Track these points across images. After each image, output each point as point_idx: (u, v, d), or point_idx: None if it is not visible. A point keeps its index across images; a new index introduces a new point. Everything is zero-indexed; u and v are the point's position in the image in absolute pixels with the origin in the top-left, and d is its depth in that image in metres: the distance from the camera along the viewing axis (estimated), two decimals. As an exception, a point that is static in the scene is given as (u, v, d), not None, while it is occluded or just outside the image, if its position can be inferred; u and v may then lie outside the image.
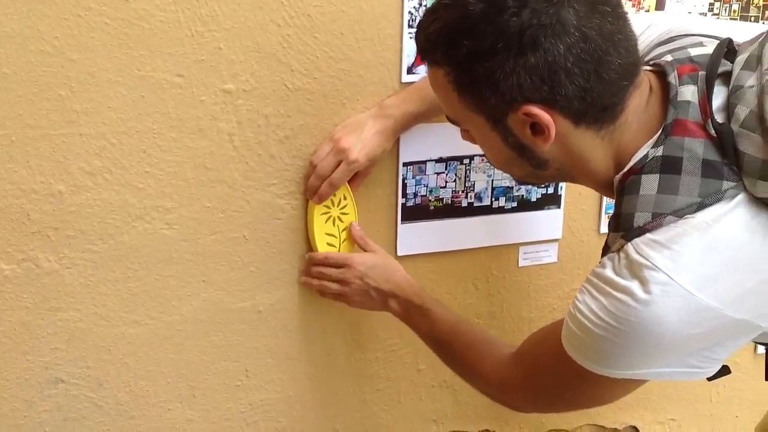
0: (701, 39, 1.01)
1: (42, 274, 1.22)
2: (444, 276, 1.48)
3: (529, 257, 1.53)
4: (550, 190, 1.49)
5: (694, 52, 0.97)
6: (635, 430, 1.77)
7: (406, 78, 1.33)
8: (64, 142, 1.17)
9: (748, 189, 0.89)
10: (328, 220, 1.33)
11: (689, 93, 0.92)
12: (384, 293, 1.30)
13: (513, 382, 1.13)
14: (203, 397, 1.38)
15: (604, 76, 0.90)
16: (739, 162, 0.89)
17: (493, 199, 1.45)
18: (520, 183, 1.04)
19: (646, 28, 1.10)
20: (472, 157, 1.41)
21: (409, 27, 1.30)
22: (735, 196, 0.89)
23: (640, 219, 0.92)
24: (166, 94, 1.20)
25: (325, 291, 1.34)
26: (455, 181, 1.42)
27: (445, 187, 1.42)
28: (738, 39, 1.00)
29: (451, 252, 1.47)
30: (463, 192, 1.43)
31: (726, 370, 1.03)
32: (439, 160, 1.40)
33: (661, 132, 0.93)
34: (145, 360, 1.32)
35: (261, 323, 1.38)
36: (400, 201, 1.40)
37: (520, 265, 1.53)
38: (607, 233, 0.99)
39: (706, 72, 0.93)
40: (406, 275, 1.31)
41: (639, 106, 0.95)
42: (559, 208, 1.51)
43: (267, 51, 1.24)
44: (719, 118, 0.91)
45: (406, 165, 1.38)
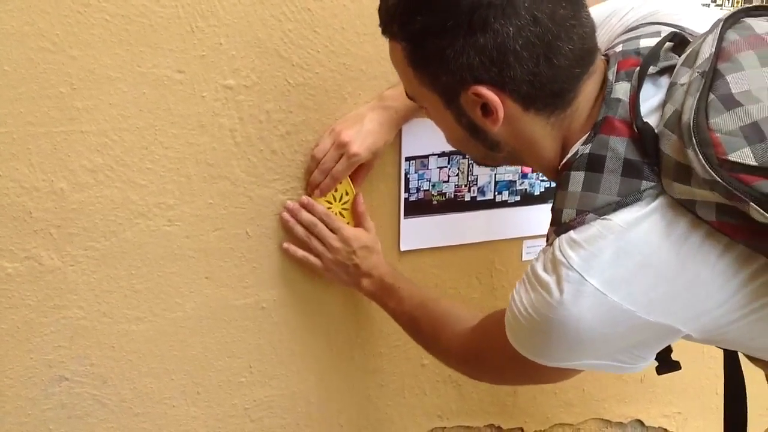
0: (661, 28, 0.98)
1: (45, 272, 1.22)
2: (447, 271, 1.48)
3: (532, 251, 1.53)
4: (554, 184, 1.48)
5: (644, 42, 0.95)
6: (641, 423, 1.76)
7: (408, 72, 1.32)
8: (65, 140, 1.17)
9: (666, 190, 0.87)
10: (328, 212, 1.33)
11: (622, 91, 0.91)
12: (361, 272, 1.31)
13: (468, 355, 1.16)
14: (207, 393, 1.38)
15: (554, 61, 0.88)
16: (660, 162, 0.87)
17: (497, 193, 1.45)
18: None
19: (608, 15, 1.08)
20: (474, 151, 1.41)
21: (410, 21, 1.30)
22: (654, 197, 0.88)
23: (567, 215, 0.92)
24: (167, 90, 1.20)
25: (306, 245, 1.32)
26: (458, 175, 1.42)
27: (447, 181, 1.41)
28: (699, 28, 0.97)
29: (454, 246, 1.46)
30: (465, 186, 1.43)
31: (676, 366, 1.03)
32: (441, 155, 1.39)
33: (592, 130, 0.92)
34: (149, 357, 1.32)
35: (264, 319, 1.38)
36: (403, 196, 1.40)
37: (523, 259, 1.53)
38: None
39: (641, 65, 0.91)
40: (382, 258, 1.33)
41: (591, 95, 0.94)
42: (562, 201, 1.50)
43: (268, 46, 1.24)
44: (655, 116, 0.89)
45: (408, 159, 1.38)
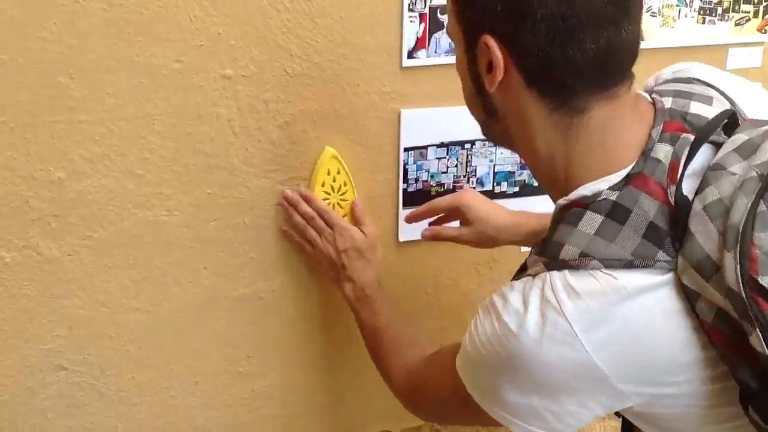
0: (713, 95, 0.93)
1: (43, 262, 1.22)
2: (446, 262, 1.48)
3: (531, 242, 1.53)
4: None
5: (694, 108, 0.90)
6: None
7: (407, 62, 1.32)
8: (63, 129, 1.17)
9: (678, 270, 0.83)
10: (328, 207, 1.33)
11: (662, 153, 0.86)
12: (345, 275, 1.31)
13: (412, 383, 1.15)
14: (205, 383, 1.38)
15: (568, 50, 0.83)
16: (683, 240, 0.83)
17: (495, 183, 1.45)
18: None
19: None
20: (473, 142, 1.40)
21: (410, 11, 1.29)
22: (663, 272, 0.84)
23: (567, 253, 0.87)
24: (165, 80, 1.20)
25: (302, 236, 1.33)
26: (457, 165, 1.41)
27: (446, 172, 1.41)
28: (750, 111, 0.94)
29: (453, 237, 1.46)
30: (464, 177, 1.43)
31: None
32: (440, 145, 1.39)
33: (624, 178, 0.87)
34: (147, 347, 1.32)
35: (262, 310, 1.38)
36: (402, 186, 1.39)
37: (522, 249, 1.53)
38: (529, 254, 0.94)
39: (693, 139, 0.87)
40: (373, 266, 1.32)
41: (610, 125, 0.88)
42: (561, 192, 1.50)
43: (266, 36, 1.23)
44: (689, 183, 0.85)
45: (407, 150, 1.37)
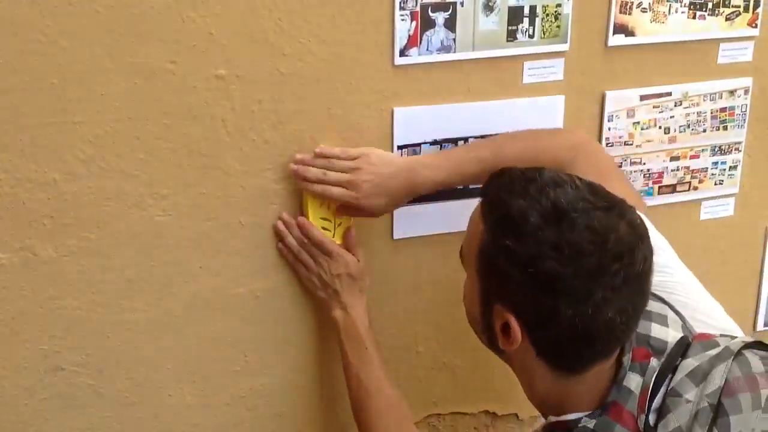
0: (667, 313, 1.06)
1: (39, 263, 1.23)
2: (441, 258, 1.48)
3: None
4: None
5: (655, 332, 1.02)
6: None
7: (399, 60, 1.33)
8: (57, 131, 1.18)
9: None
10: (322, 204, 1.33)
11: (634, 383, 0.99)
12: (339, 301, 1.34)
13: None
14: (203, 382, 1.39)
15: (583, 352, 0.97)
16: None
17: (489, 180, 1.45)
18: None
19: None
20: (466, 139, 1.41)
21: (401, 9, 1.30)
22: None
23: None
24: (159, 80, 1.21)
25: (296, 257, 1.34)
26: (450, 163, 1.42)
27: (440, 169, 1.42)
28: (699, 324, 1.07)
29: (447, 234, 1.46)
30: (458, 174, 1.43)
31: None
32: (433, 143, 1.39)
33: (600, 408, 1.00)
34: (144, 347, 1.33)
35: (259, 309, 1.38)
36: (396, 184, 1.40)
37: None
38: None
39: (655, 376, 0.98)
40: (365, 298, 1.36)
41: (599, 371, 1.01)
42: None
43: (259, 36, 1.24)
44: (653, 414, 0.97)
45: (400, 148, 1.38)
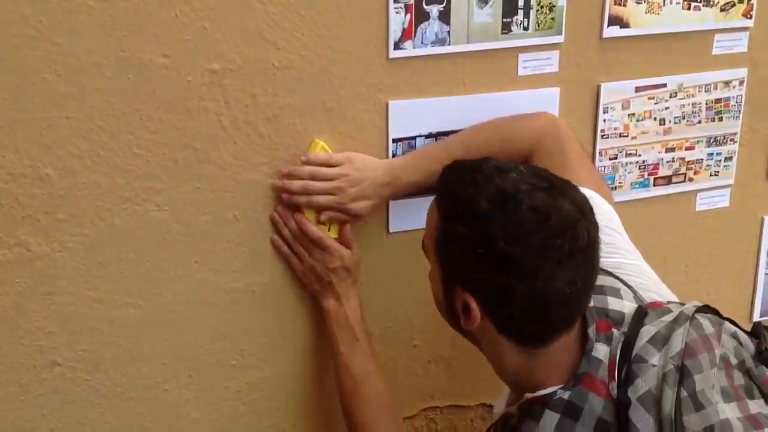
0: (619, 286, 1.12)
1: (34, 259, 1.22)
2: (437, 251, 1.48)
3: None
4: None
5: (612, 304, 1.08)
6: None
7: (393, 53, 1.32)
8: (51, 126, 1.17)
9: None
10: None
11: (602, 352, 1.04)
12: (333, 291, 1.35)
13: None
14: (199, 377, 1.39)
15: (541, 322, 1.03)
16: (627, 429, 1.00)
17: (484, 173, 1.45)
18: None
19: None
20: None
21: (395, 2, 1.29)
22: None
23: None
24: (152, 75, 1.20)
25: (291, 249, 1.35)
26: (445, 156, 1.42)
27: (435, 162, 1.42)
28: (650, 294, 1.14)
29: (443, 227, 1.47)
30: (453, 167, 1.43)
31: None
32: (428, 136, 1.39)
33: (572, 379, 1.04)
34: (140, 342, 1.33)
35: (255, 303, 1.38)
36: (391, 177, 1.40)
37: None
38: (496, 424, 1.14)
39: (621, 346, 1.04)
40: (357, 295, 1.38)
41: (564, 345, 1.06)
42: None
43: (252, 29, 1.24)
44: (623, 377, 1.02)
45: (395, 141, 1.38)
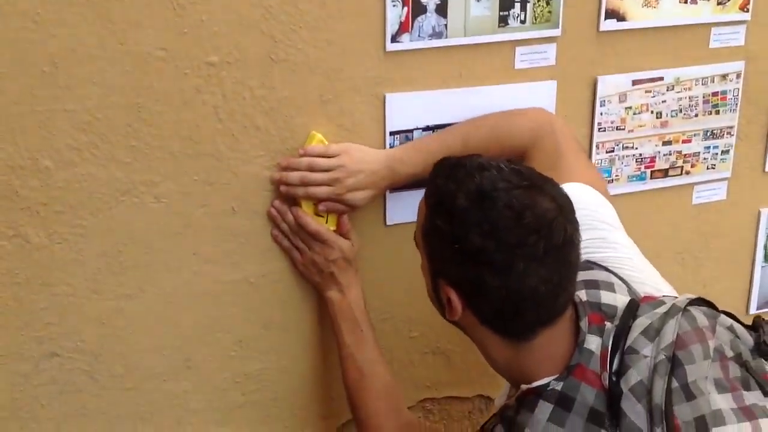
0: (613, 280, 1.13)
1: (33, 250, 1.23)
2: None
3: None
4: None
5: (605, 298, 1.10)
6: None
7: (390, 47, 1.33)
8: (49, 118, 1.18)
9: None
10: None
11: (594, 344, 1.05)
12: (335, 281, 1.36)
13: None
14: (198, 368, 1.40)
15: (518, 319, 1.04)
16: (619, 419, 1.01)
17: (481, 166, 1.46)
18: None
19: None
20: (458, 125, 1.41)
21: (392, -5, 1.30)
22: None
23: None
24: (150, 67, 1.21)
25: (291, 242, 1.36)
26: (443, 149, 1.42)
27: (432, 155, 1.42)
28: (644, 287, 1.15)
29: (440, 220, 1.47)
30: (450, 160, 1.44)
31: None
32: (426, 128, 1.40)
33: (565, 370, 1.05)
34: (139, 333, 1.34)
35: (253, 294, 1.39)
36: (388, 170, 1.40)
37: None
38: (496, 415, 1.14)
39: (613, 338, 1.05)
40: (359, 282, 1.39)
41: (551, 339, 1.07)
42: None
43: (249, 22, 1.24)
44: (615, 368, 1.03)
45: (393, 134, 1.38)
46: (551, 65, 1.45)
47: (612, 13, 1.45)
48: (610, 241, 1.20)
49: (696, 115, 1.58)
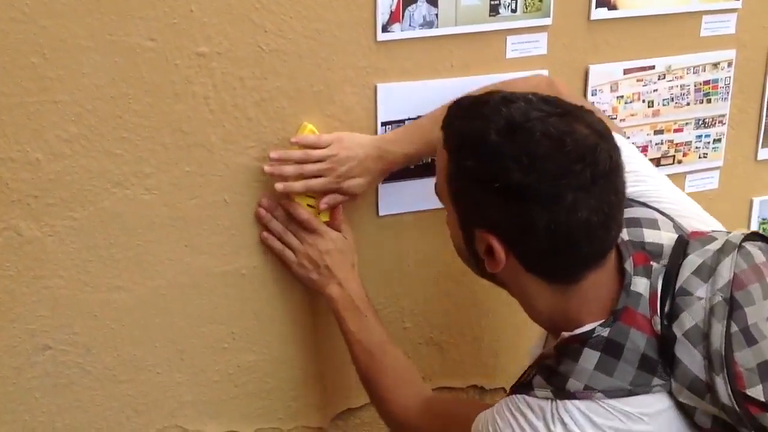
0: (656, 217, 1.06)
1: (24, 243, 1.23)
2: (426, 234, 1.48)
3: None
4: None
5: (648, 236, 1.03)
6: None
7: (381, 36, 1.33)
8: (38, 110, 1.18)
9: (673, 392, 0.95)
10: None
11: (642, 286, 0.99)
12: (332, 276, 1.34)
13: (412, 428, 1.22)
14: (191, 360, 1.40)
15: (568, 256, 0.97)
16: (673, 366, 0.96)
17: (473, 156, 1.46)
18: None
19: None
20: (450, 115, 1.41)
21: (382, -16, 1.30)
22: (663, 394, 0.96)
23: (573, 386, 0.98)
24: (140, 58, 1.20)
25: (282, 241, 1.34)
26: (434, 139, 1.42)
27: (424, 145, 1.42)
28: (690, 221, 1.08)
29: (433, 210, 1.47)
30: (442, 150, 1.43)
31: None
32: (417, 119, 1.40)
33: (611, 315, 0.99)
34: (132, 325, 1.34)
35: (245, 286, 1.39)
36: (380, 160, 1.40)
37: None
38: (533, 366, 1.06)
39: (663, 279, 0.98)
40: (357, 273, 1.36)
41: (598, 281, 1.00)
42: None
43: (239, 12, 1.24)
44: (666, 311, 0.97)
45: (384, 124, 1.38)
46: (542, 54, 1.45)
47: (603, 2, 1.45)
48: (643, 174, 1.14)
49: (688, 103, 1.58)
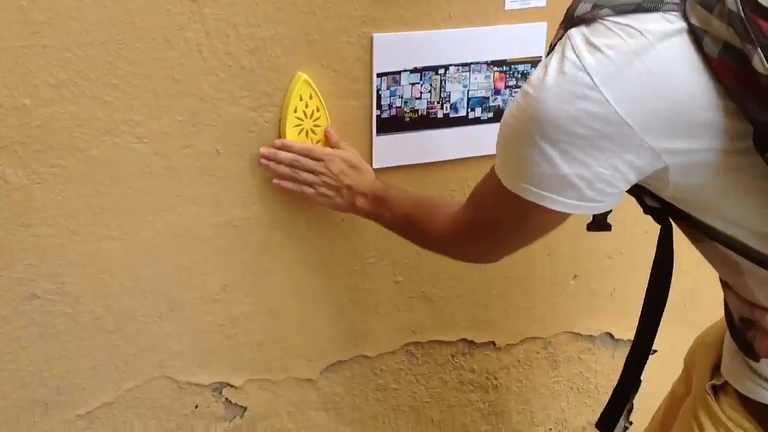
0: None
1: (11, 190, 1.21)
2: (420, 188, 1.47)
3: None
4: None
5: None
6: (610, 336, 1.80)
7: (379, -15, 1.30)
8: (26, 54, 1.14)
9: (687, 12, 0.84)
10: (301, 132, 1.32)
11: None
12: (354, 192, 1.31)
13: (462, 227, 1.12)
14: (181, 311, 1.39)
15: None
16: None
17: (469, 109, 1.44)
18: None
19: None
20: (447, 67, 1.39)
21: (381, -69, 1.26)
22: (673, 15, 0.85)
23: (581, 9, 0.88)
24: (130, 2, 1.17)
25: (296, 180, 1.32)
26: (430, 92, 1.40)
27: (420, 98, 1.40)
28: None
29: (427, 164, 1.46)
30: (438, 103, 1.41)
31: (607, 227, 1.05)
32: (414, 71, 1.37)
33: None
34: (122, 275, 1.32)
35: (237, 238, 1.38)
36: (375, 113, 1.38)
37: (496, 176, 1.53)
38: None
39: None
40: (372, 173, 1.34)
41: None
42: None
43: (234, -43, 1.20)
44: None
45: (380, 76, 1.36)
46: (542, 7, 1.42)
47: (605, -46, 1.42)
48: None
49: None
